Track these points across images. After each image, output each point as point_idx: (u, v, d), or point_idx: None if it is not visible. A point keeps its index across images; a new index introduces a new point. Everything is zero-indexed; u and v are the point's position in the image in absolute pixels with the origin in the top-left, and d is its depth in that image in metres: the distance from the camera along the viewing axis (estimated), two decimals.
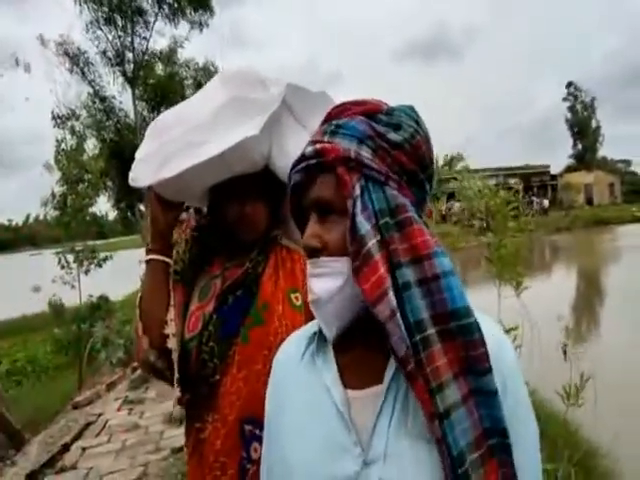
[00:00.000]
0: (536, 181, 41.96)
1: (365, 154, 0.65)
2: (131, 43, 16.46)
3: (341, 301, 0.65)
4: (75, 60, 16.07)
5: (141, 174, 1.17)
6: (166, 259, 1.21)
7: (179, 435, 4.03)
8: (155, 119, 1.27)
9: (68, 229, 7.22)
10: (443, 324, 0.59)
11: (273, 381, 0.81)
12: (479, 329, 0.60)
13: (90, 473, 3.95)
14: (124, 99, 17.16)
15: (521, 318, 3.24)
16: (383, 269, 0.61)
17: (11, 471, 4.00)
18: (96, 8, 15.66)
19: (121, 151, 15.57)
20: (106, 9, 15.71)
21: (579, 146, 50.71)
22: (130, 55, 16.57)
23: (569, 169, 49.70)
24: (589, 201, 41.54)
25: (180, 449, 3.84)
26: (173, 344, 1.13)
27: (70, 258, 7.18)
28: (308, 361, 0.74)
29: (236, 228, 1.22)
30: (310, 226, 0.68)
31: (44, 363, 8.31)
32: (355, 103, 0.70)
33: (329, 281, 0.66)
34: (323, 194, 0.67)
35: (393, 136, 0.66)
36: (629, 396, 4.65)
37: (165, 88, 16.78)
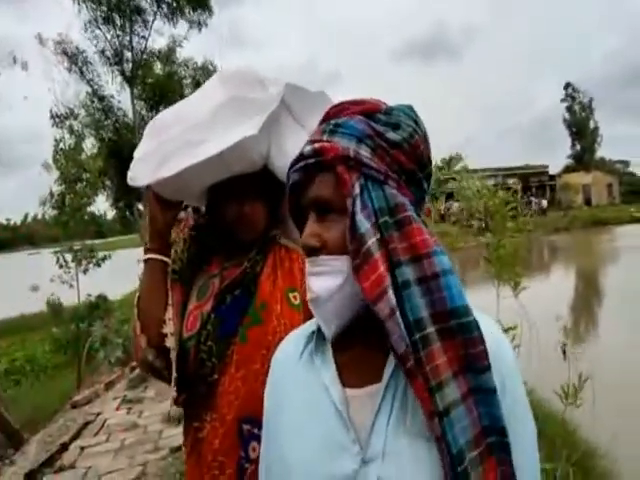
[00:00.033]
0: (535, 181, 41.98)
1: (364, 153, 0.65)
2: (130, 42, 16.44)
3: (340, 300, 0.65)
4: (73, 59, 16.05)
5: (140, 173, 1.17)
6: (164, 258, 1.21)
7: (178, 434, 4.02)
8: (154, 118, 1.26)
9: (66, 228, 7.21)
10: (442, 322, 0.60)
11: (271, 380, 0.81)
12: (478, 327, 0.60)
13: (89, 472, 3.94)
14: (123, 98, 17.15)
15: (519, 318, 3.24)
16: (383, 267, 0.61)
17: (10, 470, 4.00)
18: (95, 7, 15.63)
19: (120, 150, 15.54)
20: (105, 8, 15.69)
21: (577, 147, 50.78)
22: (129, 54, 16.55)
23: (567, 169, 49.76)
24: (587, 201, 41.56)
25: (179, 448, 3.84)
26: (171, 343, 1.13)
27: (68, 257, 7.18)
28: (307, 360, 0.74)
29: (235, 228, 1.22)
30: (309, 225, 0.68)
31: (43, 362, 8.29)
32: (353, 102, 0.70)
33: (329, 280, 0.65)
34: (322, 193, 0.67)
35: (392, 135, 0.66)
36: (627, 396, 4.66)
37: (164, 87, 16.76)
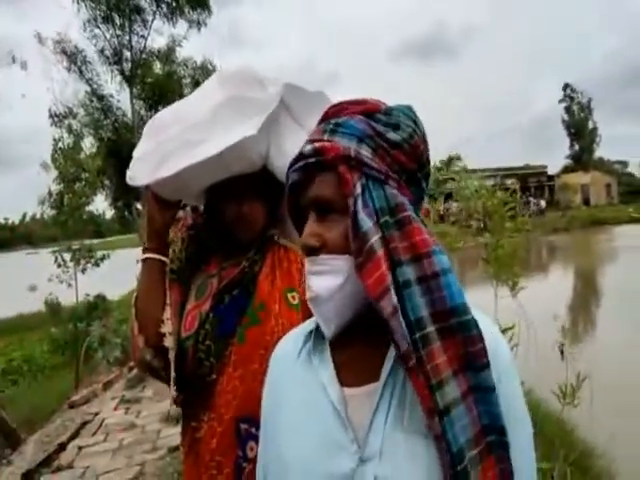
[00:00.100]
0: (533, 181, 42.00)
1: (365, 153, 0.65)
2: (129, 42, 16.43)
3: (341, 299, 0.65)
4: (73, 58, 16.03)
5: (139, 173, 1.17)
6: (162, 258, 1.20)
7: (176, 434, 4.02)
8: (153, 117, 1.26)
9: (65, 228, 7.20)
10: (443, 321, 0.60)
11: (270, 379, 0.81)
12: (477, 325, 0.61)
13: (86, 472, 3.94)
14: (122, 98, 17.15)
15: (517, 318, 3.24)
16: (385, 266, 0.61)
17: (7, 470, 3.99)
18: (94, 6, 15.63)
19: (118, 150, 15.53)
20: (104, 7, 15.68)
21: (576, 147, 50.87)
22: (128, 54, 16.54)
23: (566, 170, 49.82)
24: (586, 202, 41.59)
25: (177, 448, 3.84)
26: (170, 343, 1.13)
27: (67, 257, 7.17)
28: (305, 359, 0.74)
29: (233, 227, 1.22)
30: (309, 225, 0.68)
31: (40, 362, 8.28)
32: (353, 102, 0.70)
33: (329, 279, 0.65)
34: (323, 193, 0.67)
35: (392, 135, 0.66)
36: (625, 396, 4.67)
37: (163, 87, 16.75)
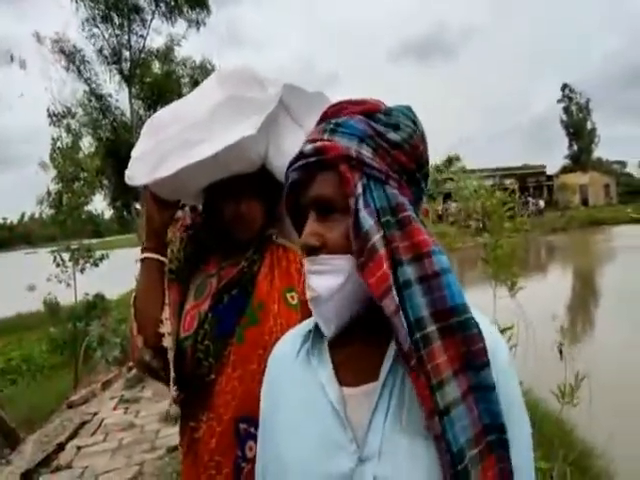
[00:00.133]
0: (532, 182, 42.02)
1: (366, 153, 0.65)
2: (128, 41, 16.43)
3: (341, 299, 0.65)
4: (71, 58, 16.03)
5: (137, 172, 1.17)
6: (161, 257, 1.20)
7: (175, 434, 4.01)
8: (151, 117, 1.26)
9: (64, 227, 7.19)
10: (443, 321, 0.60)
11: (268, 379, 0.81)
12: (477, 325, 0.61)
13: (85, 472, 3.94)
14: (120, 97, 17.16)
15: (516, 318, 3.25)
16: (386, 265, 0.61)
17: (6, 470, 3.99)
18: (93, 6, 15.63)
19: (117, 149, 15.54)
20: (103, 7, 15.68)
21: (575, 147, 50.97)
22: (127, 53, 16.55)
23: (565, 170, 49.89)
24: (584, 202, 41.61)
25: (175, 448, 3.83)
26: (169, 343, 1.13)
27: (66, 257, 7.16)
28: (303, 359, 0.74)
29: (232, 227, 1.21)
30: (309, 225, 0.68)
31: (39, 362, 8.27)
32: (352, 102, 0.70)
33: (330, 278, 0.65)
34: (323, 192, 0.66)
35: (393, 136, 0.66)
36: (624, 396, 4.68)
37: (162, 86, 16.76)
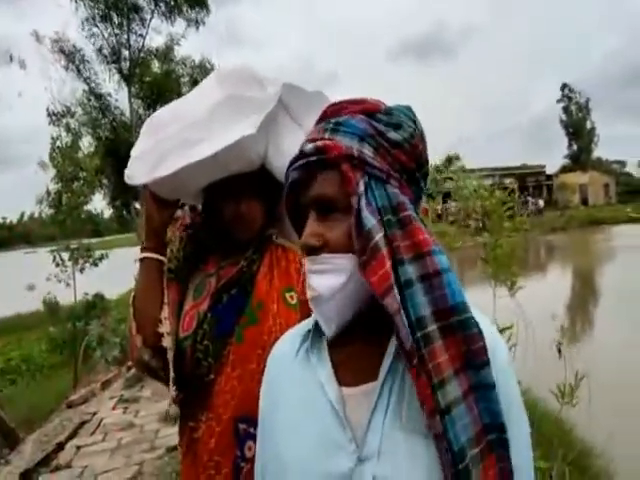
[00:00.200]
0: (531, 181, 42.05)
1: (367, 152, 0.65)
2: (127, 40, 16.42)
3: (343, 299, 0.65)
4: (71, 57, 16.03)
5: (137, 172, 1.16)
6: (160, 257, 1.20)
7: (174, 434, 4.02)
8: (151, 116, 1.26)
9: (63, 227, 7.19)
10: (444, 320, 0.60)
11: (267, 378, 0.81)
12: (477, 324, 0.61)
13: (85, 472, 3.94)
14: (120, 97, 17.16)
15: (516, 317, 3.25)
16: (388, 264, 0.61)
17: (5, 470, 3.98)
18: (92, 5, 15.62)
19: (117, 149, 15.54)
20: (102, 6, 15.67)
21: (574, 147, 51.01)
22: (126, 52, 16.54)
23: (564, 169, 49.92)
24: (584, 201, 41.66)
25: (175, 448, 3.83)
26: (168, 343, 1.12)
27: (65, 256, 7.16)
28: (302, 358, 0.74)
29: (231, 226, 1.21)
30: (309, 224, 0.68)
31: (39, 361, 8.27)
32: (352, 102, 0.70)
33: (331, 278, 0.65)
34: (325, 191, 0.66)
35: (394, 135, 0.66)
36: (623, 396, 4.68)
37: (161, 86, 16.75)
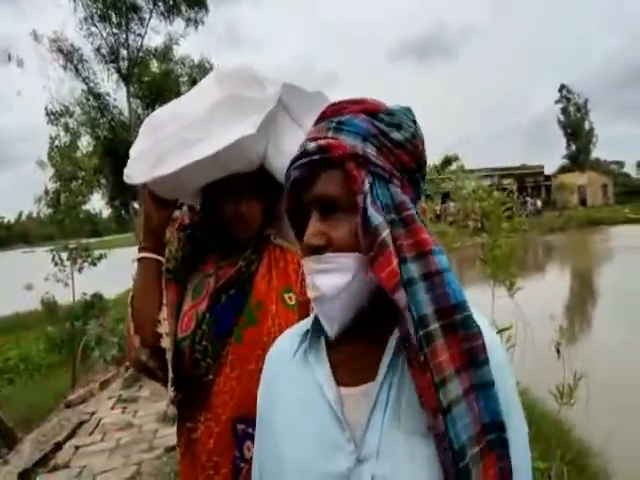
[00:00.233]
0: (530, 182, 42.07)
1: (370, 152, 0.65)
2: (126, 40, 16.38)
3: (347, 297, 0.65)
4: (69, 57, 15.99)
5: (136, 171, 1.16)
6: (158, 257, 1.20)
7: (172, 434, 4.00)
8: (149, 115, 1.26)
9: (62, 227, 7.17)
10: (446, 318, 0.60)
11: (265, 377, 0.81)
12: (477, 322, 0.61)
13: (83, 472, 3.93)
14: (118, 96, 17.11)
15: (515, 318, 3.25)
16: (395, 261, 0.61)
17: (4, 470, 3.98)
18: (91, 4, 15.58)
19: (115, 149, 15.51)
20: (101, 5, 15.64)
21: (572, 147, 51.08)
22: (125, 52, 16.50)
23: (563, 170, 49.96)
24: (582, 202, 41.69)
25: (173, 448, 3.83)
26: (167, 343, 1.12)
27: (64, 256, 7.14)
28: (300, 358, 0.74)
29: (231, 226, 1.21)
30: (312, 224, 0.67)
31: (37, 361, 8.27)
32: (353, 102, 0.70)
33: (336, 277, 0.65)
34: (328, 190, 0.66)
35: (396, 135, 0.66)
36: (621, 396, 4.69)
37: (160, 85, 16.72)
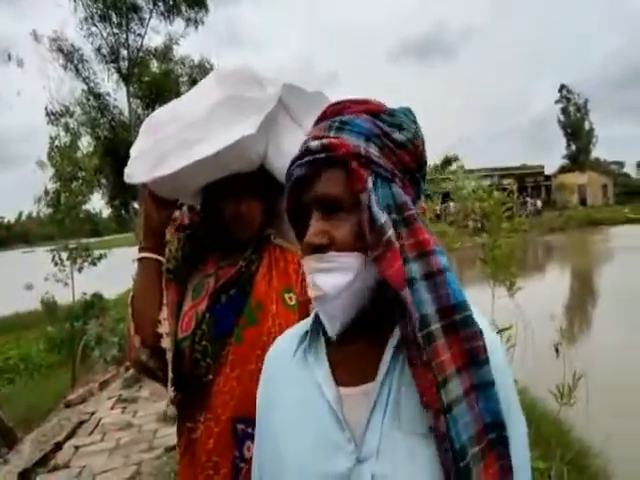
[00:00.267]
0: (530, 182, 42.05)
1: (373, 151, 0.65)
2: (126, 40, 16.40)
3: (348, 297, 0.65)
4: (69, 57, 16.01)
5: (136, 171, 1.16)
6: (159, 257, 1.20)
7: (172, 434, 4.01)
8: (149, 115, 1.26)
9: (62, 226, 7.17)
10: (448, 317, 0.60)
11: (264, 377, 0.81)
12: (477, 322, 0.61)
13: (83, 472, 3.93)
14: (118, 96, 17.13)
15: (515, 318, 3.26)
16: (401, 259, 0.61)
17: (4, 469, 3.98)
18: (91, 4, 15.60)
19: (115, 149, 15.52)
20: (101, 5, 15.65)
21: (573, 147, 51.08)
22: (125, 52, 16.53)
23: (563, 170, 49.94)
24: (582, 202, 41.67)
25: (173, 448, 3.83)
26: (167, 344, 1.12)
27: (64, 256, 7.14)
28: (300, 358, 0.74)
29: (231, 226, 1.21)
30: (314, 223, 0.67)
31: (37, 361, 8.27)
32: (354, 102, 0.70)
33: (338, 276, 0.64)
34: (330, 190, 0.66)
35: (398, 136, 0.67)
36: (621, 396, 4.69)
37: (160, 85, 16.74)
